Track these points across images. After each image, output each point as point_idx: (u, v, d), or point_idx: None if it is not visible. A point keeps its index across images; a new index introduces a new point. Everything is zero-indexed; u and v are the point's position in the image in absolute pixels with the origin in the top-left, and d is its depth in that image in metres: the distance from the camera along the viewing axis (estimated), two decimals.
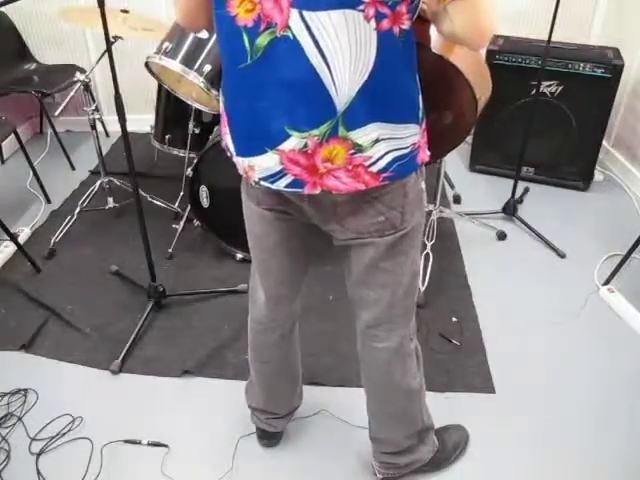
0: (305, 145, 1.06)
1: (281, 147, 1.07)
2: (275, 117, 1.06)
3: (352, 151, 1.07)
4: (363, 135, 1.06)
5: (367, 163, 1.09)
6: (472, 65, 1.48)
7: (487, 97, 1.63)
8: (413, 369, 1.45)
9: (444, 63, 1.37)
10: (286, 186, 1.12)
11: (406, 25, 1.01)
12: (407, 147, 1.12)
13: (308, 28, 0.97)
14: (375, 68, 1.01)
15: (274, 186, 1.14)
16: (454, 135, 1.58)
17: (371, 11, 0.96)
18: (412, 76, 1.10)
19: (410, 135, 1.11)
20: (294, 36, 0.98)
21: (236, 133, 1.16)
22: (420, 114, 1.14)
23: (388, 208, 1.17)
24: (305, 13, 0.96)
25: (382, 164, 1.10)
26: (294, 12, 0.96)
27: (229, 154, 1.22)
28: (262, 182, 1.15)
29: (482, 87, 1.53)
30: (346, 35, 0.97)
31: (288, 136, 1.06)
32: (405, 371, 1.43)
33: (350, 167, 1.08)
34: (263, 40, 1.00)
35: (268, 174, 1.13)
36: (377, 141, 1.07)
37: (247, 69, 1.04)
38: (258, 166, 1.13)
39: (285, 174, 1.11)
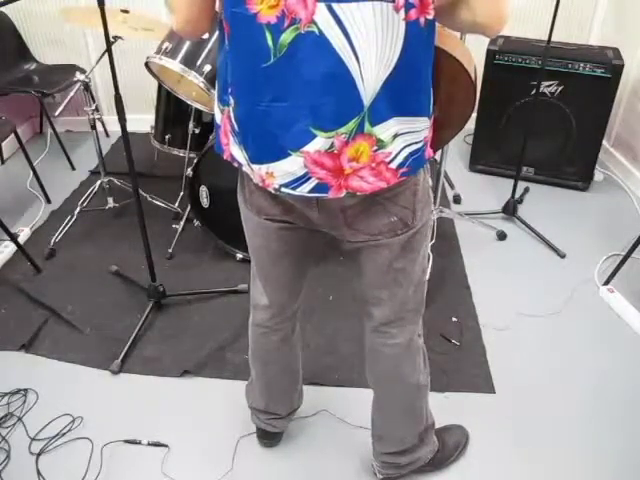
0: (331, 145, 1.03)
1: (306, 149, 1.03)
2: (298, 117, 1.02)
3: (375, 147, 1.05)
4: (385, 130, 1.04)
5: (388, 159, 1.07)
6: (460, 49, 1.49)
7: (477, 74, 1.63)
8: (421, 365, 1.46)
9: (442, 54, 1.37)
10: (309, 191, 1.08)
11: (431, 15, 0.99)
12: (420, 141, 1.10)
13: (338, 20, 0.94)
14: (400, 59, 0.99)
15: (296, 192, 1.08)
16: (454, 124, 1.59)
17: (401, 1, 0.94)
18: (430, 68, 1.08)
19: (423, 129, 1.10)
20: (320, 31, 0.95)
21: (250, 139, 1.09)
22: (431, 107, 1.13)
23: (400, 208, 1.16)
24: (334, 5, 0.93)
25: (400, 159, 1.08)
26: (320, 6, 0.94)
27: (236, 164, 1.17)
28: (283, 189, 1.09)
29: (472, 66, 1.53)
30: (374, 26, 0.95)
31: (313, 136, 1.02)
32: (414, 366, 1.44)
33: (374, 165, 1.06)
34: (287, 37, 0.97)
35: (290, 179, 1.07)
36: (396, 136, 1.06)
37: (270, 69, 1.00)
38: (279, 171, 1.07)
39: (309, 178, 1.06)
